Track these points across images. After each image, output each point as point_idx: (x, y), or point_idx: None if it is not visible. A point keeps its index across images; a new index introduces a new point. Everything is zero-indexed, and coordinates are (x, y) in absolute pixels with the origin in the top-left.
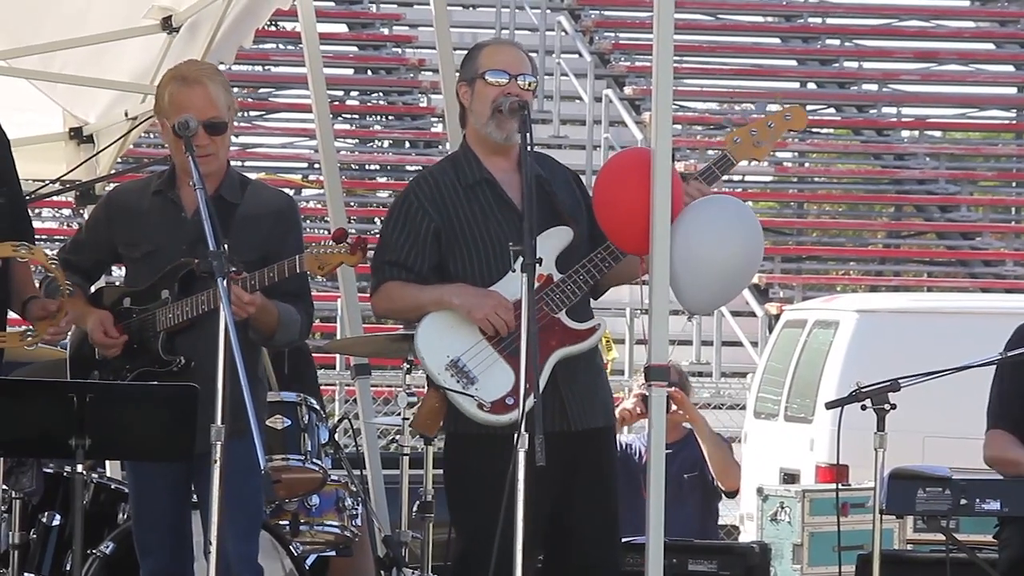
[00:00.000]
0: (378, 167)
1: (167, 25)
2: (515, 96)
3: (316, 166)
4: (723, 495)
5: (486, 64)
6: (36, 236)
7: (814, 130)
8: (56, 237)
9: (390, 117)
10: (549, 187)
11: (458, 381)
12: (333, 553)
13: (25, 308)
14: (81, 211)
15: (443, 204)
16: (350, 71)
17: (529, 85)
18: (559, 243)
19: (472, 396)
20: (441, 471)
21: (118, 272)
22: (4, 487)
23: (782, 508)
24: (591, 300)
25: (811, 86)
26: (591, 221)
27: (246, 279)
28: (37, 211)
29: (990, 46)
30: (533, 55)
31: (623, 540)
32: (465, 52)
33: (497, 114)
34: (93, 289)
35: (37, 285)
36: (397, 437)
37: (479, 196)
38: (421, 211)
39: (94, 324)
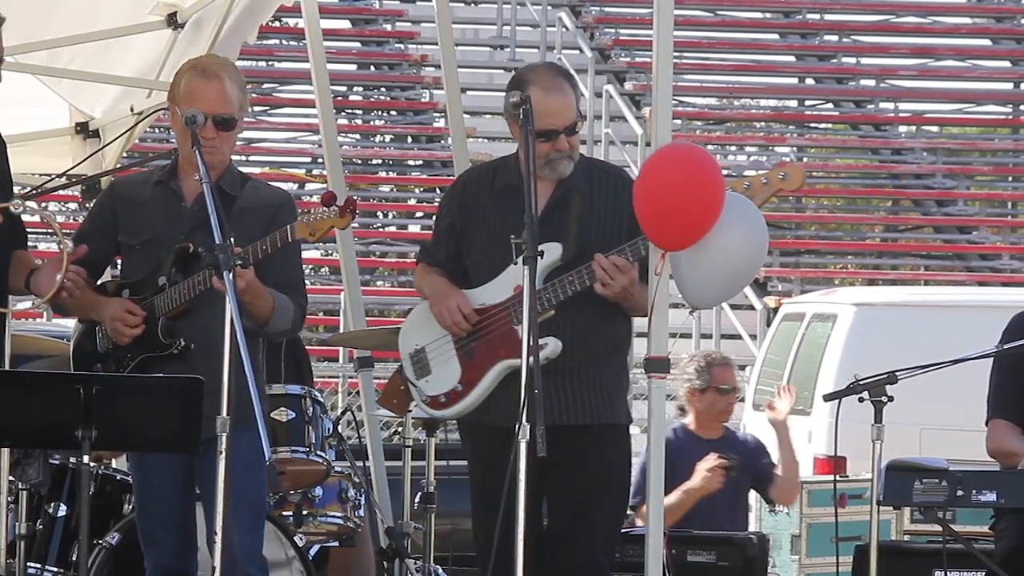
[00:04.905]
0: (380, 162)
1: (172, 21)
2: (558, 151)
3: (319, 161)
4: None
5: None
6: (43, 230)
7: (812, 125)
8: (63, 231)
9: (393, 112)
10: (578, 200)
11: (416, 370)
12: (336, 543)
13: (29, 282)
14: (87, 205)
15: (465, 203)
16: (353, 67)
17: (577, 127)
18: (547, 258)
19: (416, 387)
20: (443, 462)
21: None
22: (11, 478)
23: None
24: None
25: (809, 81)
26: (631, 229)
27: (239, 254)
28: (43, 205)
29: (986, 42)
30: (534, 51)
31: (624, 531)
32: (466, 48)
33: (549, 162)
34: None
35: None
36: (400, 429)
37: (502, 200)
38: (446, 207)
39: (115, 309)
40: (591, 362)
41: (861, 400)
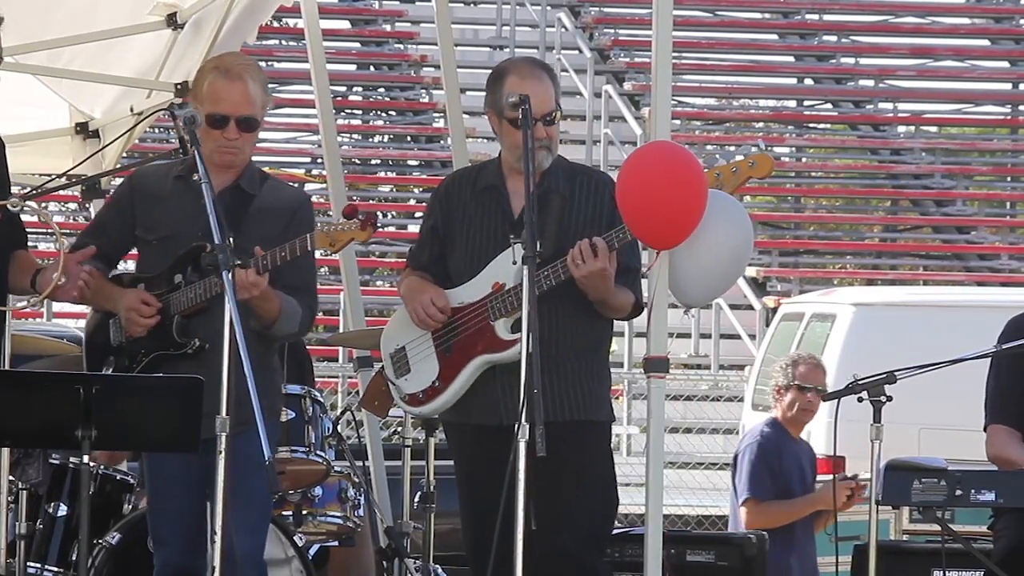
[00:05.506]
0: (380, 162)
1: (172, 21)
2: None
3: (319, 161)
4: None
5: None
6: (43, 230)
7: (811, 125)
8: (62, 231)
9: (392, 112)
10: (558, 202)
11: (395, 369)
12: (336, 543)
13: (35, 282)
14: (87, 205)
15: (448, 205)
16: (353, 67)
17: (555, 117)
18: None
19: (396, 385)
20: (442, 462)
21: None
22: (11, 478)
23: None
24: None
25: (808, 82)
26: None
27: (258, 259)
28: (44, 205)
29: (985, 42)
30: (534, 51)
31: (623, 531)
32: (466, 48)
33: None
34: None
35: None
36: (399, 428)
37: (483, 200)
38: (430, 209)
39: (131, 300)
40: (568, 359)
41: (860, 400)
